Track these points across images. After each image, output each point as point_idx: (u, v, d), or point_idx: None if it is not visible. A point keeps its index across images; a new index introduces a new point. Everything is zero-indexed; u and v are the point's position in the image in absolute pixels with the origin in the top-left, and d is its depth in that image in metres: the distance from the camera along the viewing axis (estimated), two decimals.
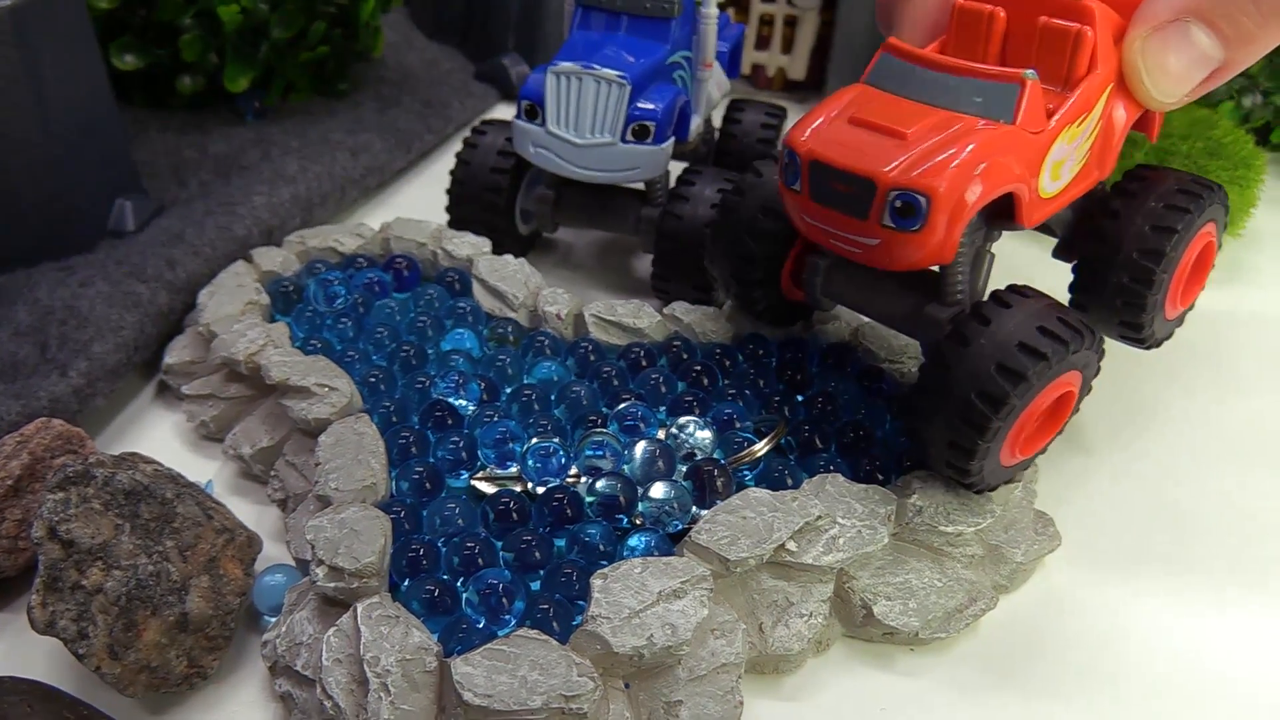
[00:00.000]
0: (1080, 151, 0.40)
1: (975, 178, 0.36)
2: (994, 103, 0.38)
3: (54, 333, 0.48)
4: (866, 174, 0.37)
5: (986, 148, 0.37)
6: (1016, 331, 0.37)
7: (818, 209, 0.39)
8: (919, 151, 0.37)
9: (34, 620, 0.35)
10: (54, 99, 0.52)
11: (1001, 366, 0.37)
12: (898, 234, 0.37)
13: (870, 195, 0.37)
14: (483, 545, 0.39)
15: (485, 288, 0.52)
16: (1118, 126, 0.41)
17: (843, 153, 0.38)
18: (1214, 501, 0.47)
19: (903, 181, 0.36)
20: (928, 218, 0.36)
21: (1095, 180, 0.43)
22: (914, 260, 0.38)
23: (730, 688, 0.36)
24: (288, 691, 0.36)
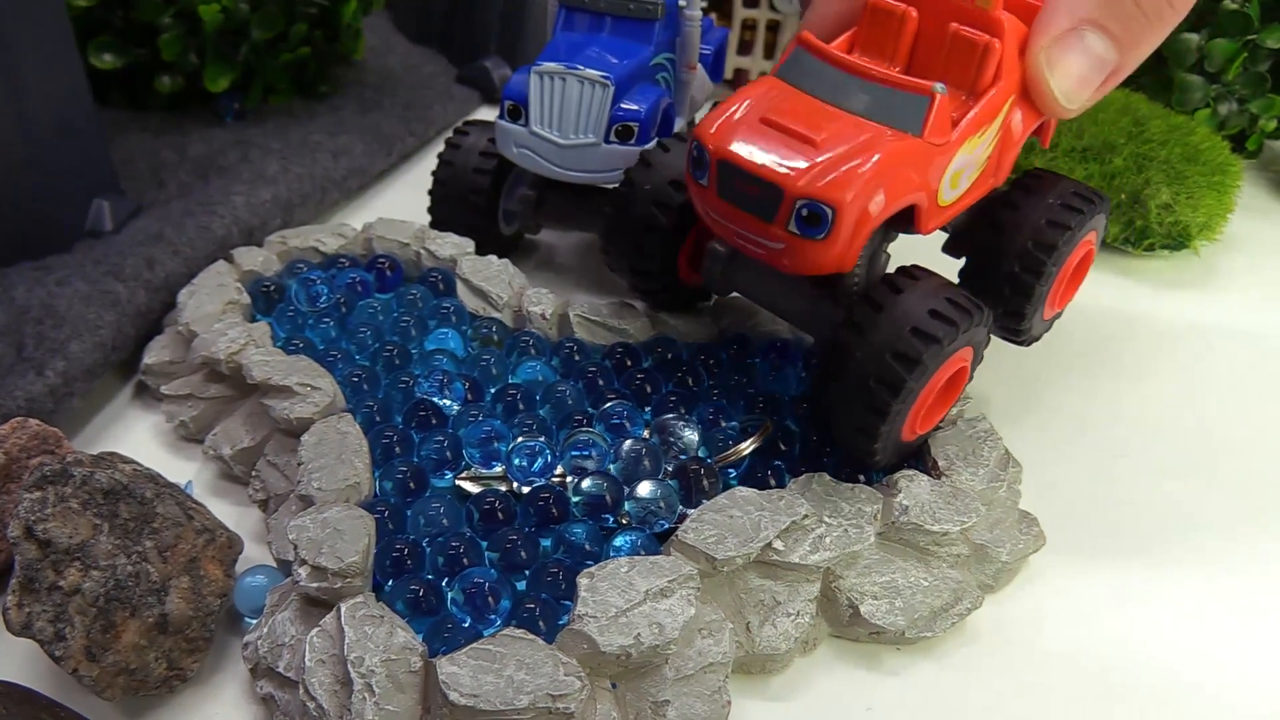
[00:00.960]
0: (979, 160, 0.41)
1: (880, 191, 0.37)
2: (903, 112, 0.38)
3: (30, 332, 0.47)
4: (775, 180, 0.37)
5: (893, 161, 0.37)
6: (909, 316, 0.38)
7: (724, 206, 0.39)
8: (827, 160, 0.37)
9: (9, 622, 0.34)
10: (31, 97, 0.52)
11: (896, 353, 0.38)
12: (802, 241, 0.37)
13: (777, 201, 0.37)
14: (468, 545, 0.38)
15: (469, 288, 0.52)
16: (1015, 135, 0.42)
17: (752, 155, 0.38)
18: (1198, 500, 0.47)
19: (810, 191, 0.36)
20: (833, 228, 0.37)
21: (990, 187, 0.44)
22: (816, 266, 0.38)
23: (717, 687, 0.35)
24: (270, 693, 0.36)
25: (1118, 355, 0.57)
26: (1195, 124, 0.69)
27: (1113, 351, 0.57)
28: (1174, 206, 0.64)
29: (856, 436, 0.40)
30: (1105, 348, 0.58)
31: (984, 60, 0.40)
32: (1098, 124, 0.66)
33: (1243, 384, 0.55)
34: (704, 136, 0.39)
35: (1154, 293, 0.63)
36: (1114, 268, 0.65)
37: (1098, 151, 0.65)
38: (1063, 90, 0.41)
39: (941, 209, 0.40)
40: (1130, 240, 0.65)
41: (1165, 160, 0.64)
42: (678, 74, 0.56)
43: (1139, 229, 0.65)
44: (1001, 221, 0.45)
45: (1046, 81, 0.40)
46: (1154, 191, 0.63)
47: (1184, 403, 0.54)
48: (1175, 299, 0.62)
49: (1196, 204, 0.64)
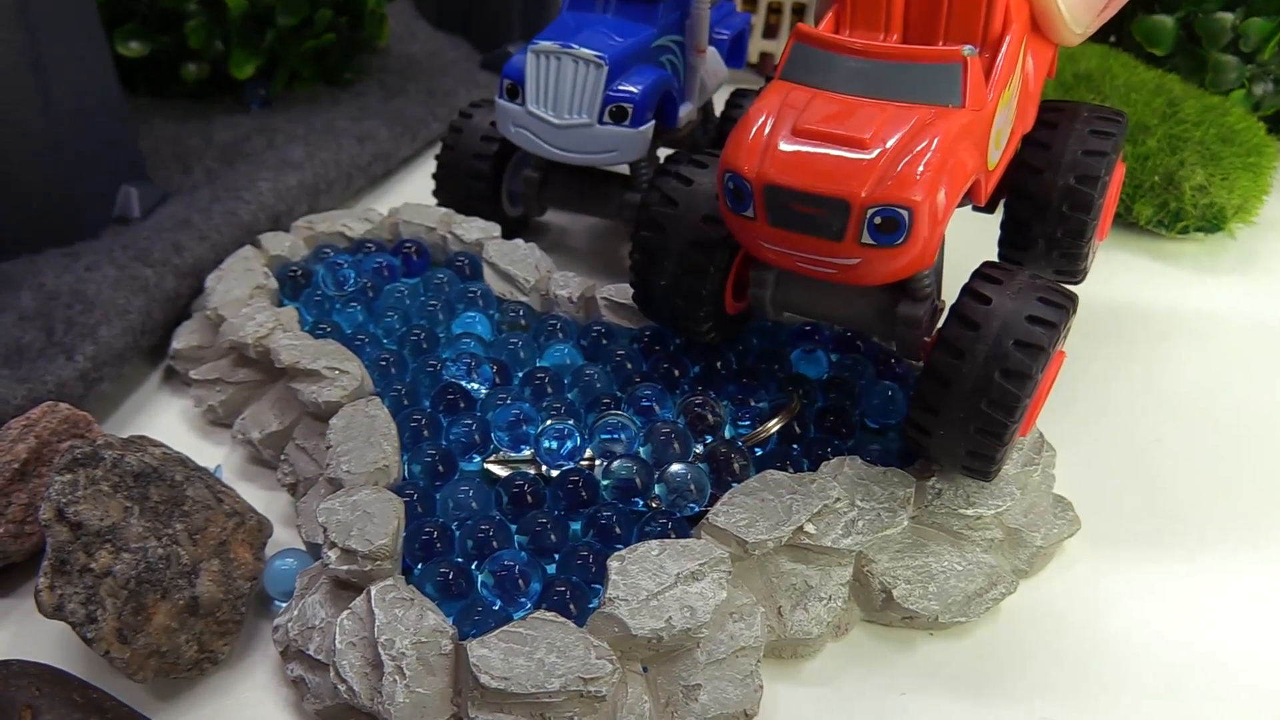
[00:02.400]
0: (1012, 113, 0.40)
1: (948, 176, 0.34)
2: (937, 86, 0.36)
3: (60, 317, 0.47)
4: (838, 195, 0.34)
5: (951, 141, 0.35)
6: (1009, 329, 0.36)
7: (780, 234, 0.36)
8: (886, 159, 0.34)
9: (41, 604, 0.35)
10: (58, 85, 0.52)
11: (1006, 371, 0.35)
12: (880, 250, 0.35)
13: (845, 216, 0.34)
14: (497, 528, 0.38)
15: (496, 271, 0.52)
16: (1032, 79, 0.41)
17: (803, 174, 0.34)
18: (1234, 485, 0.47)
19: (880, 197, 0.34)
20: (911, 230, 0.34)
21: (1020, 135, 0.43)
22: (898, 272, 0.36)
23: (749, 671, 0.35)
24: (300, 676, 0.36)
25: (1152, 340, 0.56)
26: (1230, 105, 0.67)
27: (1147, 336, 0.56)
28: (1209, 188, 0.63)
29: (971, 459, 0.38)
30: (1140, 332, 0.57)
31: (991, 7, 0.38)
32: (1130, 105, 0.65)
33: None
34: (739, 165, 0.35)
35: (1189, 276, 0.62)
36: (1148, 251, 0.64)
37: (1131, 133, 0.64)
38: (1070, 11, 0.40)
39: (991, 173, 0.39)
40: (1164, 223, 0.64)
41: (1200, 141, 0.63)
42: (687, 57, 0.55)
43: (1173, 211, 0.64)
44: (1034, 165, 0.44)
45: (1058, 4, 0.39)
46: (1188, 173, 0.62)
47: (1220, 387, 0.53)
48: (1211, 282, 0.61)
49: (1232, 186, 0.63)
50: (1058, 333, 0.36)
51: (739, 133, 0.36)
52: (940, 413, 0.37)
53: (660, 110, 0.53)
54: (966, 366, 0.36)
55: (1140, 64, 0.70)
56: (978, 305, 0.37)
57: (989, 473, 0.38)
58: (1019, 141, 0.43)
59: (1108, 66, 0.68)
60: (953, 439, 0.37)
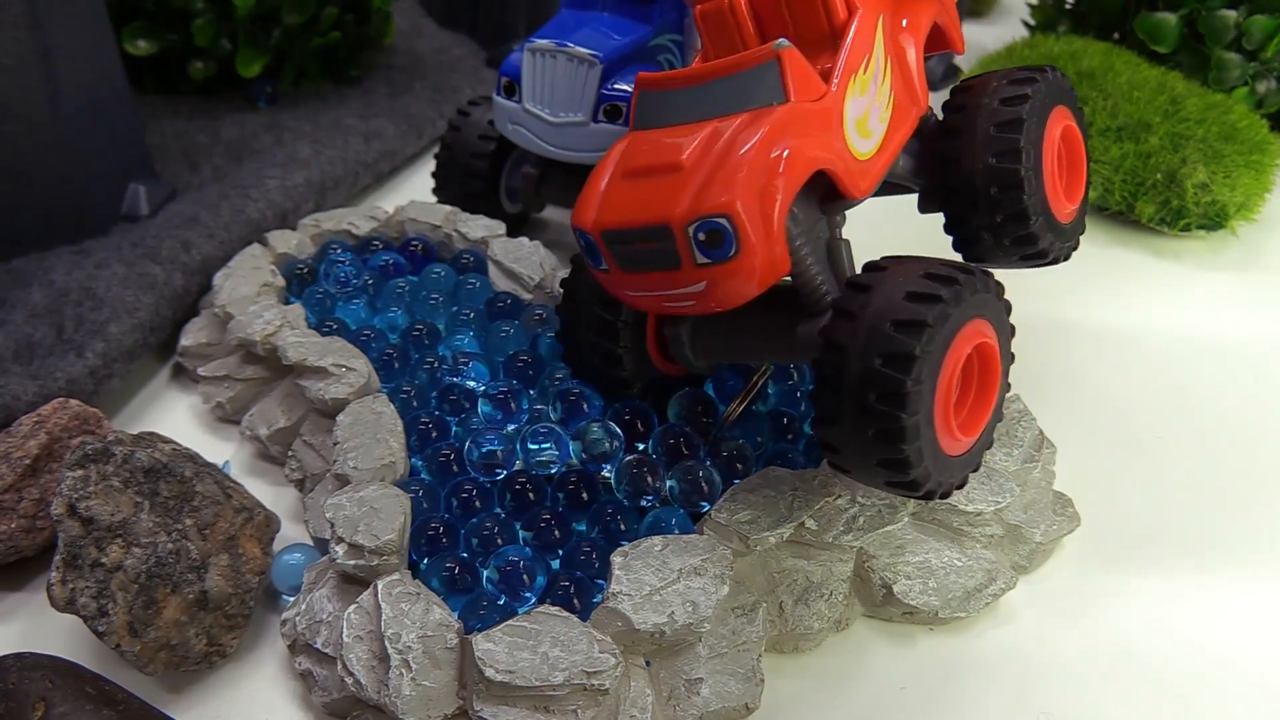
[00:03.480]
0: (882, 96, 0.37)
1: (771, 174, 0.32)
2: (758, 90, 0.34)
3: (70, 314, 0.48)
4: (656, 220, 0.33)
5: (770, 139, 0.33)
6: (901, 285, 0.33)
7: (632, 278, 0.35)
8: (703, 174, 0.33)
9: (53, 598, 0.35)
10: (67, 82, 0.52)
11: (897, 322, 0.32)
12: (718, 267, 0.33)
13: (672, 241, 0.33)
14: (501, 525, 0.39)
15: (500, 269, 0.52)
16: (910, 56, 0.38)
17: (628, 211, 0.34)
18: (1234, 483, 0.47)
19: (696, 211, 0.32)
20: (739, 238, 0.32)
21: (916, 117, 0.40)
22: (751, 286, 0.33)
23: (751, 666, 0.36)
24: (308, 669, 0.36)
25: (1153, 337, 0.56)
26: (1233, 102, 0.68)
27: (1149, 333, 0.57)
28: (1211, 186, 0.63)
29: (887, 472, 0.33)
30: (1141, 329, 0.57)
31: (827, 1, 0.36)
32: (1133, 102, 0.65)
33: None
34: (582, 222, 0.35)
35: (1191, 274, 0.62)
36: (1150, 248, 0.64)
37: (1133, 130, 0.64)
38: None
39: (864, 163, 0.36)
40: (1166, 220, 0.65)
41: (1202, 139, 0.64)
42: (684, 56, 0.55)
43: (1175, 209, 0.64)
44: (950, 152, 0.41)
45: None
46: (1190, 171, 0.63)
47: (1221, 384, 0.53)
48: (1213, 280, 0.62)
49: (1234, 183, 0.63)
50: (945, 306, 0.32)
51: (584, 193, 0.36)
52: (837, 422, 0.33)
53: None
54: (847, 359, 0.33)
55: (1143, 61, 0.70)
56: (856, 294, 0.34)
57: (911, 483, 0.33)
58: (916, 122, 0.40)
59: (1110, 64, 0.68)
60: (858, 450, 0.33)
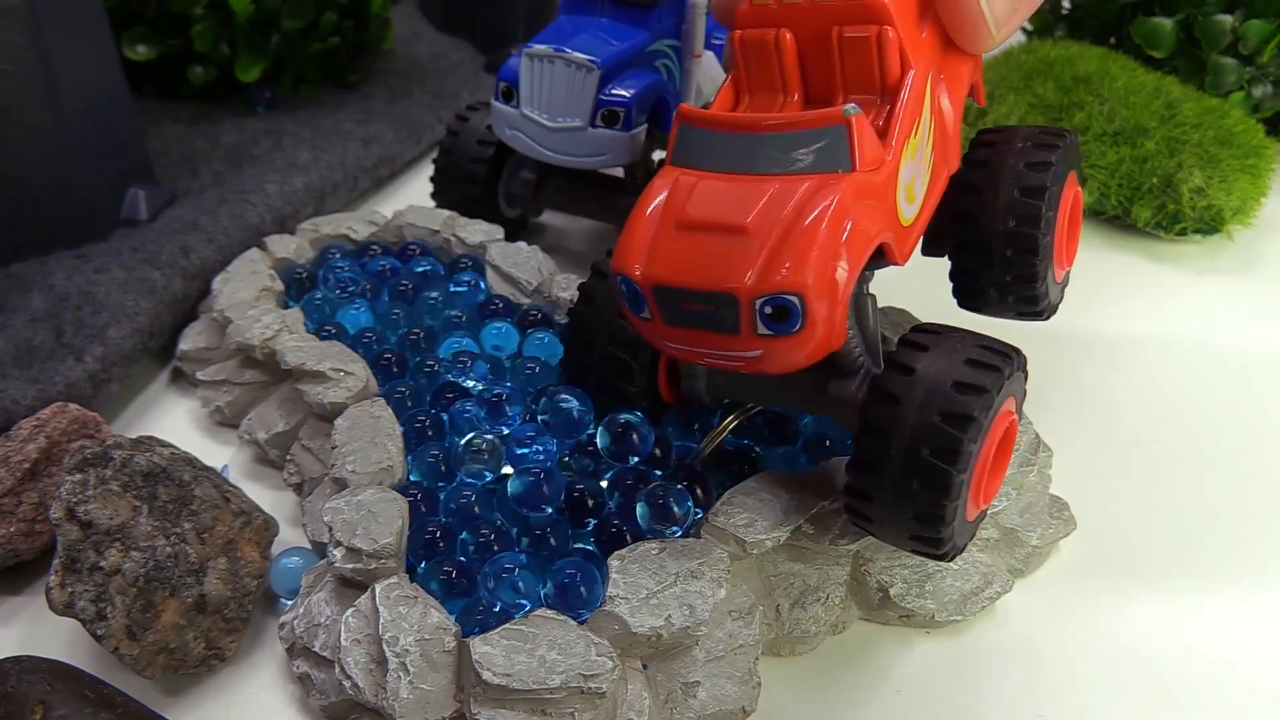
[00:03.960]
0: (926, 159, 0.37)
1: (842, 254, 0.32)
2: (824, 152, 0.33)
3: (69, 318, 0.48)
4: (724, 289, 0.32)
5: (841, 214, 0.32)
6: (946, 372, 0.33)
7: (679, 333, 0.34)
8: (771, 243, 0.32)
9: (52, 601, 0.35)
10: (67, 88, 0.52)
11: (946, 414, 0.32)
12: (779, 340, 0.32)
13: (734, 310, 0.32)
14: (498, 532, 0.39)
15: (498, 274, 0.52)
16: (949, 115, 0.38)
17: (687, 270, 0.32)
18: (1231, 487, 0.47)
19: (766, 287, 0.31)
20: (806, 316, 0.31)
21: (946, 177, 0.40)
22: (805, 358, 0.33)
23: (748, 669, 0.36)
24: (306, 672, 0.36)
25: (1150, 341, 0.56)
26: (1229, 107, 0.68)
27: (1145, 337, 0.57)
28: (1207, 190, 0.63)
29: (920, 525, 0.34)
30: (1137, 333, 0.57)
31: (884, 53, 0.35)
32: (1129, 107, 0.65)
33: (1278, 370, 0.55)
34: (626, 268, 0.33)
35: (1186, 278, 0.62)
36: (1146, 253, 0.64)
37: (1129, 135, 0.65)
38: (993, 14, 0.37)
39: (908, 229, 0.36)
40: (1162, 225, 0.65)
41: (1198, 144, 0.64)
42: (683, 62, 0.55)
43: (1171, 213, 0.64)
44: (971, 211, 0.40)
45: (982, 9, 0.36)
46: (1186, 175, 0.63)
47: (1217, 388, 0.53)
48: (1208, 284, 0.62)
49: (1230, 188, 0.63)
50: (1000, 376, 0.33)
51: (627, 233, 0.34)
52: (873, 498, 0.34)
53: (655, 115, 0.53)
54: (903, 413, 0.33)
55: (1139, 66, 0.70)
56: (913, 353, 0.34)
57: (939, 540, 0.34)
58: (946, 184, 0.40)
59: (1107, 69, 0.68)
60: (892, 523, 0.34)
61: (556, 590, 0.36)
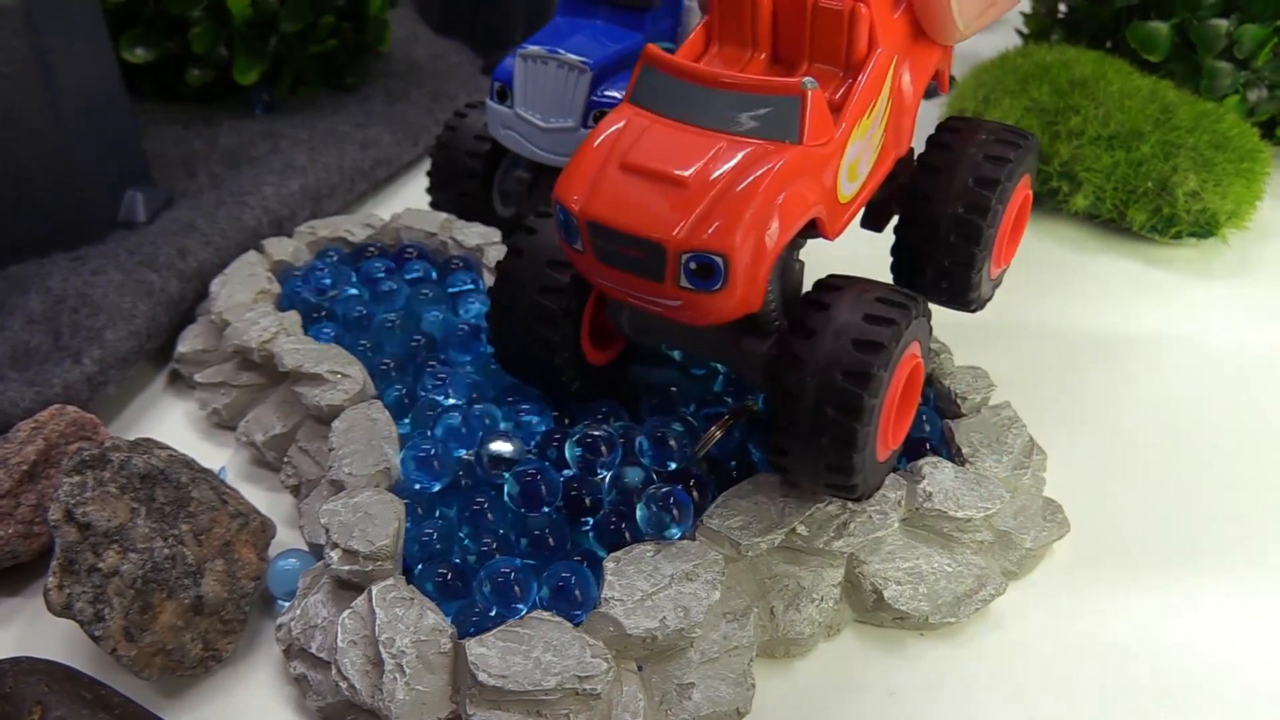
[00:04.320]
0: (875, 140, 0.37)
1: (772, 222, 0.33)
2: (774, 119, 0.34)
3: (66, 320, 0.48)
4: (653, 238, 0.33)
5: (778, 184, 0.33)
6: (845, 329, 0.35)
7: (607, 270, 0.35)
8: (706, 202, 0.33)
9: (50, 602, 0.35)
10: (65, 90, 0.53)
11: (846, 373, 0.34)
12: (699, 295, 0.33)
13: (661, 259, 0.33)
14: (500, 540, 0.39)
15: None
16: (909, 98, 0.38)
17: (622, 212, 0.33)
18: (1224, 490, 0.47)
19: (694, 244, 0.32)
20: (728, 277, 0.33)
21: (893, 160, 0.40)
22: (723, 315, 0.35)
23: (742, 670, 0.36)
24: (302, 674, 0.36)
25: (1144, 344, 0.56)
26: (1224, 110, 0.68)
27: (1139, 341, 0.57)
28: (1202, 194, 0.63)
29: (831, 474, 0.36)
30: (1132, 337, 0.57)
31: (854, 29, 0.36)
32: (1125, 111, 0.66)
33: (1272, 373, 0.55)
34: (565, 199, 0.34)
35: (1181, 281, 0.62)
36: (1141, 256, 0.65)
37: (1124, 138, 0.65)
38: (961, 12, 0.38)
39: (845, 206, 0.37)
40: (1157, 228, 0.65)
41: (1193, 147, 0.64)
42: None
43: (1166, 217, 0.64)
44: (922, 189, 0.41)
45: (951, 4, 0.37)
46: (1181, 179, 0.63)
47: (1212, 391, 0.53)
48: (1203, 288, 0.62)
49: (1225, 191, 0.63)
50: (899, 330, 0.35)
51: (573, 163, 0.35)
52: (788, 451, 0.36)
53: None
54: (807, 373, 0.35)
55: (1135, 70, 0.70)
56: (815, 312, 0.36)
57: (850, 486, 0.36)
58: (893, 164, 0.40)
59: (1102, 73, 0.68)
60: (809, 454, 0.36)
61: (552, 593, 0.36)
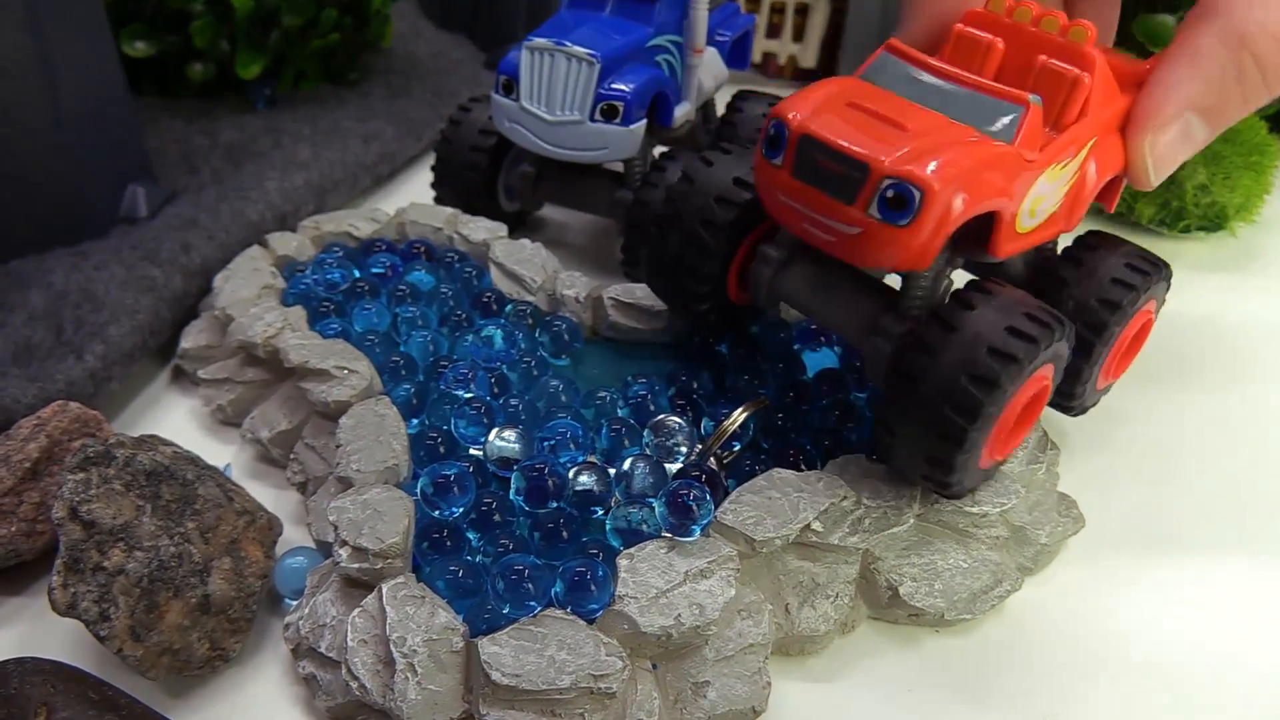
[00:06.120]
0: (1058, 195, 0.39)
1: (971, 182, 0.34)
2: (994, 120, 0.37)
3: (69, 316, 0.47)
4: (862, 156, 0.34)
5: (985, 158, 0.35)
6: (985, 335, 0.36)
7: (798, 187, 0.36)
8: (919, 145, 0.35)
9: (55, 602, 0.35)
10: (66, 85, 0.52)
11: (973, 376, 0.35)
12: (882, 226, 0.35)
13: (861, 179, 0.35)
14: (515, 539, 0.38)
15: (503, 271, 0.52)
16: (1089, 183, 0.40)
17: (838, 131, 0.35)
18: (1238, 484, 0.47)
19: (900, 170, 0.34)
20: (919, 213, 0.34)
21: (1059, 231, 0.42)
22: (890, 258, 0.36)
23: (757, 668, 0.35)
24: (311, 673, 0.36)
25: (1154, 338, 0.56)
26: None
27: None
28: (1210, 187, 0.63)
29: (930, 467, 0.37)
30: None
31: (1072, 93, 0.38)
32: None
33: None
34: (784, 114, 0.37)
35: (1190, 275, 0.62)
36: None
37: None
38: (1156, 166, 0.41)
39: (1017, 235, 0.38)
40: (1166, 222, 0.65)
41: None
42: (684, 57, 0.55)
43: (1175, 210, 0.64)
44: (1057, 293, 0.43)
45: (1147, 164, 0.40)
46: (1190, 172, 0.63)
47: (1222, 385, 0.53)
48: (1212, 281, 0.62)
49: (1233, 185, 0.63)
50: (1037, 348, 0.35)
51: (801, 93, 0.38)
52: (904, 410, 0.37)
53: (655, 109, 0.53)
54: (935, 365, 0.36)
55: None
56: (960, 309, 0.37)
57: (946, 483, 0.38)
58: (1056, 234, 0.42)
59: None
60: (912, 441, 0.37)
61: (567, 588, 0.36)
